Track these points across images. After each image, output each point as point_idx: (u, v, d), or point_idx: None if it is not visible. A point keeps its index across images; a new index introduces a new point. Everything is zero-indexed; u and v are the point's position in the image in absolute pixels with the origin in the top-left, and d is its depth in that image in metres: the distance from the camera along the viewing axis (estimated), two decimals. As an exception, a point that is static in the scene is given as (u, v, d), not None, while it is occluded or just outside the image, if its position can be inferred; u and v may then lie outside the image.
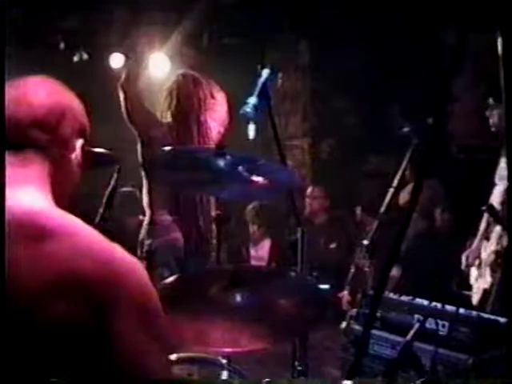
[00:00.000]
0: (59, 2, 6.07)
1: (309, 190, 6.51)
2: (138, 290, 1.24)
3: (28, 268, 1.16)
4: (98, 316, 1.17)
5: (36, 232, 1.20)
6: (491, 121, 3.82)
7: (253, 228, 6.43)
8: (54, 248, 1.19)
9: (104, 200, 2.61)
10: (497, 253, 3.61)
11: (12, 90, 1.34)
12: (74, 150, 1.40)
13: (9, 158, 1.29)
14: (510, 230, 1.21)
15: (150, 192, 3.35)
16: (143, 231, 3.40)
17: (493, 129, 3.82)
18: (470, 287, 3.87)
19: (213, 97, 3.36)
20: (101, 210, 2.58)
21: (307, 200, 6.42)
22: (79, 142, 1.41)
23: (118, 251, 1.26)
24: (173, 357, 2.25)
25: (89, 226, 1.27)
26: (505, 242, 3.52)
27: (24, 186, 1.28)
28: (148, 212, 3.39)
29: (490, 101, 3.81)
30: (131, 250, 1.36)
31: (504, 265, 3.49)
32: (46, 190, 1.32)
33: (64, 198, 1.37)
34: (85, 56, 6.97)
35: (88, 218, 1.34)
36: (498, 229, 3.63)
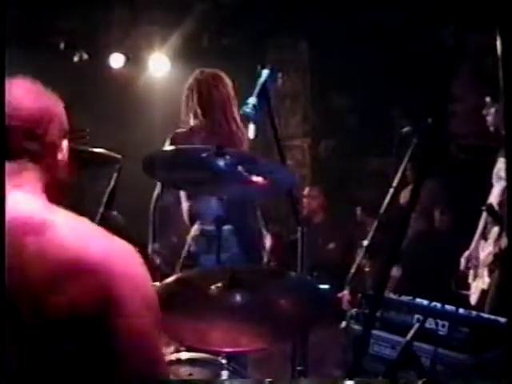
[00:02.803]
0: (59, 2, 6.07)
1: (306, 189, 6.52)
2: (140, 274, 1.28)
3: (32, 259, 1.20)
4: (100, 299, 1.20)
5: (36, 226, 1.23)
6: (488, 119, 3.81)
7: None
8: (55, 237, 1.23)
9: (104, 200, 2.62)
10: (494, 255, 3.61)
11: None
12: (61, 150, 1.43)
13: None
14: (509, 230, 1.21)
15: (193, 200, 3.27)
16: (191, 242, 3.31)
17: (491, 128, 3.82)
18: (468, 286, 3.87)
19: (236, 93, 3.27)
20: (101, 210, 2.59)
21: (305, 200, 6.42)
22: (65, 142, 1.45)
23: (115, 238, 1.31)
24: (173, 357, 2.25)
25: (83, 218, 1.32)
26: (502, 243, 3.52)
27: (19, 190, 1.32)
28: (197, 222, 3.29)
29: (487, 100, 3.80)
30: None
31: (503, 265, 3.49)
32: (39, 191, 1.36)
33: (57, 196, 1.41)
34: (85, 56, 6.98)
35: (87, 218, 1.36)
36: (495, 229, 3.63)
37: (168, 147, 3.11)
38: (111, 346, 1.20)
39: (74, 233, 1.26)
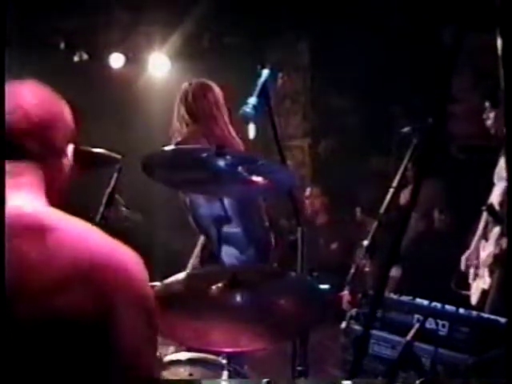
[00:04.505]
0: (59, 2, 6.07)
1: (308, 190, 6.54)
2: (139, 281, 1.27)
3: (34, 263, 1.19)
4: (100, 305, 1.19)
5: (36, 229, 1.22)
6: (487, 123, 3.82)
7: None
8: (55, 241, 1.22)
9: (104, 200, 2.62)
10: (495, 255, 3.60)
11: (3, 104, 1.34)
12: (65, 155, 1.42)
13: (6, 167, 1.30)
14: (509, 230, 1.21)
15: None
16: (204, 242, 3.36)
17: (491, 131, 3.82)
18: (468, 287, 3.87)
19: (225, 100, 3.33)
20: (101, 209, 2.59)
21: (308, 200, 6.44)
22: (70, 147, 1.44)
23: (118, 244, 1.29)
24: (173, 357, 2.25)
25: (85, 222, 1.30)
26: (503, 244, 3.51)
27: (20, 191, 1.30)
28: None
29: (487, 104, 3.81)
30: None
31: (504, 265, 3.49)
32: (40, 194, 1.34)
33: (57, 199, 1.40)
34: (85, 56, 6.98)
35: (87, 217, 1.36)
36: (496, 230, 3.63)
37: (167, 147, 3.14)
38: (107, 352, 1.19)
39: (77, 238, 1.25)
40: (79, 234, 1.26)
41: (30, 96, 1.36)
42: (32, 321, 1.17)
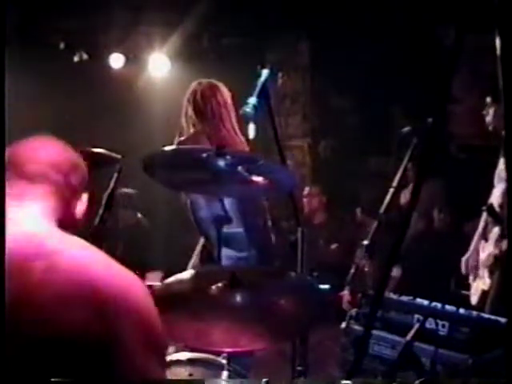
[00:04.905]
0: (59, 2, 6.07)
1: (306, 189, 6.54)
2: (144, 308, 1.29)
3: (39, 282, 1.22)
4: (100, 327, 1.21)
5: (46, 252, 1.26)
6: (487, 119, 3.82)
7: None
8: (63, 265, 1.25)
9: (103, 201, 2.61)
10: (495, 256, 3.60)
11: (31, 143, 1.51)
12: (80, 199, 1.53)
13: (26, 187, 1.42)
14: (510, 231, 1.21)
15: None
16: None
17: (489, 127, 3.82)
18: (468, 287, 3.87)
19: (232, 100, 3.34)
20: (100, 212, 2.58)
21: (305, 199, 6.44)
22: (85, 196, 1.55)
23: (122, 269, 1.33)
24: (173, 358, 2.25)
25: (91, 245, 1.36)
26: (503, 245, 3.51)
27: (34, 209, 1.40)
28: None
29: (488, 99, 3.80)
30: (125, 247, 1.42)
31: (504, 265, 3.49)
32: (51, 216, 1.43)
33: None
34: (85, 56, 6.98)
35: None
36: (496, 230, 3.62)
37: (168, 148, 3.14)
38: (108, 374, 1.20)
39: (80, 260, 1.28)
40: (82, 256, 1.30)
41: (53, 143, 1.53)
42: (34, 337, 1.18)
